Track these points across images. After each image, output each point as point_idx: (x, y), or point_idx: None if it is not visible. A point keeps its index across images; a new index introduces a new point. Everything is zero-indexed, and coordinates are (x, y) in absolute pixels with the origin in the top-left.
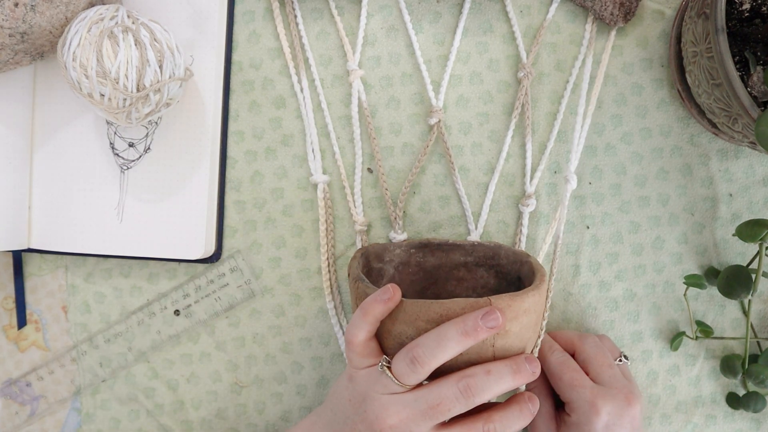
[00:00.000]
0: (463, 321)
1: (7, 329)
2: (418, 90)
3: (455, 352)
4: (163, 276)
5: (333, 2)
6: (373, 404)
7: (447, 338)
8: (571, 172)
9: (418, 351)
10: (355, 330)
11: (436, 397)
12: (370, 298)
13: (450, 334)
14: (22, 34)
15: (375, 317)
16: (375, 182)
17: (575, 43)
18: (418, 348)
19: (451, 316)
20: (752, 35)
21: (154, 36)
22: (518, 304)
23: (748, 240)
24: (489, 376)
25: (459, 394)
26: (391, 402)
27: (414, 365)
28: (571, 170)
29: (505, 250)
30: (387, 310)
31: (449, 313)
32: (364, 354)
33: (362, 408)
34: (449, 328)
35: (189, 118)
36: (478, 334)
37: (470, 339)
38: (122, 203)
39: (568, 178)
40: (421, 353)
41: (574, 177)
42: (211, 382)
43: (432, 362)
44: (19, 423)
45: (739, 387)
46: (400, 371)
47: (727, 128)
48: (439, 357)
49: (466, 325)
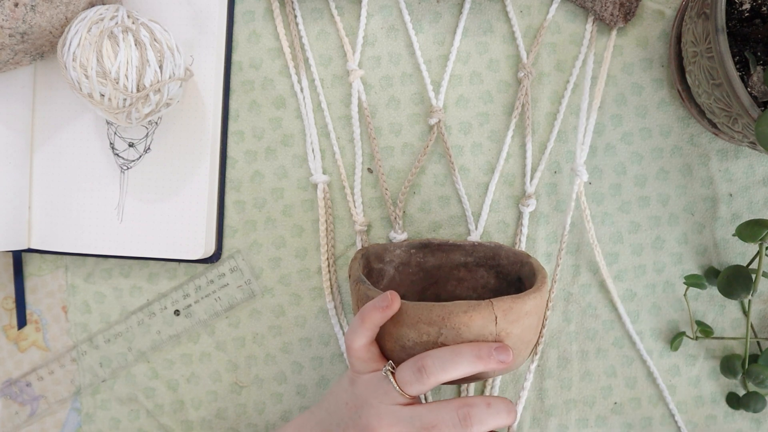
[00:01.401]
0: (479, 345)
1: (7, 329)
2: (418, 90)
3: (464, 372)
4: (163, 276)
5: (333, 2)
6: (369, 411)
7: (461, 355)
8: (580, 165)
9: (428, 361)
10: (354, 336)
11: (434, 419)
12: (369, 305)
13: (464, 352)
14: (22, 34)
15: (374, 324)
16: (375, 182)
17: (575, 43)
18: (429, 359)
19: (453, 318)
20: (752, 35)
21: (154, 36)
22: (519, 306)
23: (748, 240)
24: (489, 409)
25: (457, 422)
26: (386, 413)
27: (421, 374)
28: (580, 163)
29: (505, 250)
30: (385, 318)
31: (451, 315)
32: (365, 359)
33: (357, 414)
34: (464, 347)
35: (189, 118)
36: (489, 362)
37: (481, 364)
38: (122, 203)
39: (578, 171)
40: (430, 364)
41: (584, 168)
42: (211, 382)
43: (440, 375)
44: (19, 423)
45: (739, 387)
46: (405, 379)
47: (727, 128)
48: (449, 372)
49: (480, 350)
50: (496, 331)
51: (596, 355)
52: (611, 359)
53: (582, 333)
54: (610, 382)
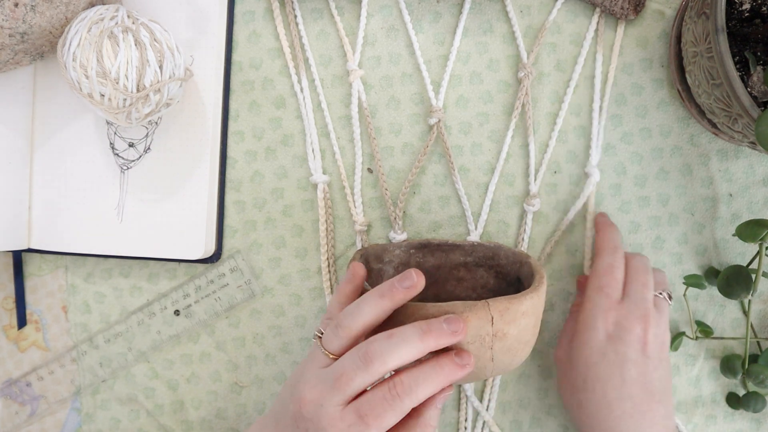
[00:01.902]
0: (425, 321)
1: (7, 329)
2: (418, 90)
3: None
4: (163, 276)
5: (333, 2)
6: (303, 377)
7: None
8: (593, 165)
9: (339, 316)
10: (359, 315)
11: (339, 368)
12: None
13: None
14: (22, 34)
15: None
16: (375, 182)
17: (576, 42)
18: (340, 314)
19: None
20: (752, 35)
21: (154, 36)
22: (516, 306)
23: (748, 240)
24: (390, 340)
25: (359, 362)
26: (312, 376)
27: (337, 330)
28: (593, 164)
29: (504, 250)
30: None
31: None
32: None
33: (297, 380)
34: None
35: (189, 118)
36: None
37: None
38: (122, 203)
39: (592, 172)
40: (342, 318)
41: (596, 169)
42: (211, 382)
43: (352, 324)
44: (19, 423)
45: (739, 387)
46: (326, 337)
47: (727, 128)
48: (358, 320)
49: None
50: (493, 332)
51: None
52: None
53: None
54: None
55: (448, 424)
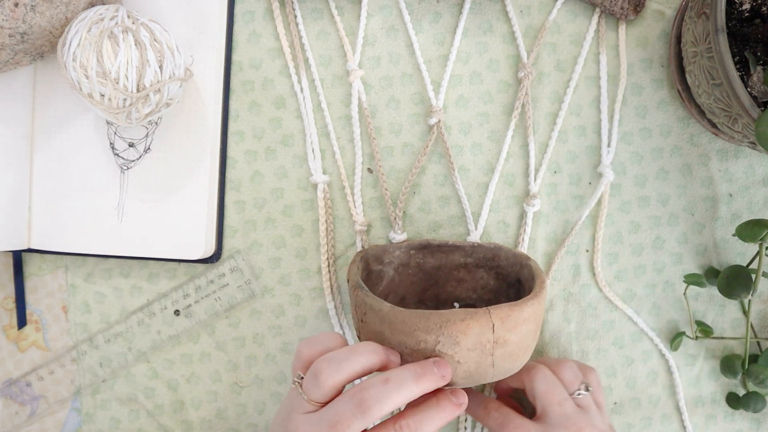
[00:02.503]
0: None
1: (7, 329)
2: (418, 90)
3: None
4: (163, 276)
5: (333, 2)
6: (291, 424)
7: (358, 353)
8: (607, 165)
9: (318, 365)
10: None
11: (334, 414)
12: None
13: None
14: (22, 34)
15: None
16: (375, 182)
17: (576, 43)
18: (319, 362)
19: (450, 326)
20: (752, 35)
21: (154, 36)
22: (517, 313)
23: (748, 240)
24: (386, 385)
25: (354, 410)
26: (301, 422)
27: (316, 379)
28: (606, 163)
29: (504, 251)
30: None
31: (448, 324)
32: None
33: (285, 426)
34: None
35: (189, 118)
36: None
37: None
38: (122, 203)
39: (605, 172)
40: (324, 367)
41: (610, 169)
42: (211, 382)
43: (335, 377)
44: (19, 423)
45: (739, 387)
46: (306, 386)
47: (727, 128)
48: (343, 372)
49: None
50: (494, 339)
51: (596, 355)
52: (611, 359)
53: (582, 333)
54: (610, 383)
55: (447, 424)
